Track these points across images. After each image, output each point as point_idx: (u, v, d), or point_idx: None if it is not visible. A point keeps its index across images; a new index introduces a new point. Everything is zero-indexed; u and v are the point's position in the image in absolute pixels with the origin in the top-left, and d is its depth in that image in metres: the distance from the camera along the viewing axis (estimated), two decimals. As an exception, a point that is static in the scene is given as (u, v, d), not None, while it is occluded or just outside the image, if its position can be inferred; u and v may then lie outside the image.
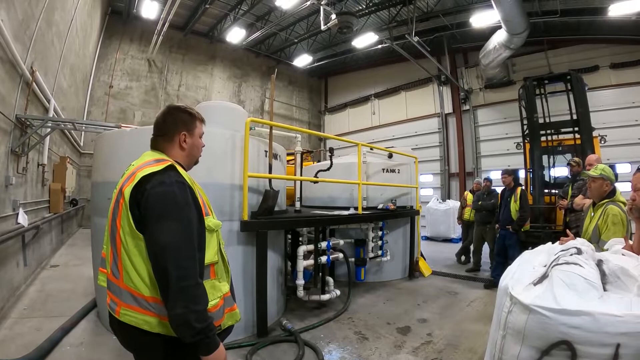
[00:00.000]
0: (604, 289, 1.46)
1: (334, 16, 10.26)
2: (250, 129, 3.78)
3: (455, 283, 6.22)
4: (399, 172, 6.63)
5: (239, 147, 3.70)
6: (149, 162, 1.41)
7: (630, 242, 1.99)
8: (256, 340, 3.59)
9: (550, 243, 2.01)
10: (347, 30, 10.71)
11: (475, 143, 14.11)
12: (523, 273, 1.72)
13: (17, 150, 4.93)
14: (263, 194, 3.90)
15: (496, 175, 6.54)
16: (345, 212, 5.29)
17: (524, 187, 6.19)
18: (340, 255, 4.96)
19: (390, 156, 6.90)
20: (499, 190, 6.43)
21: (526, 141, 7.35)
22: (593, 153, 5.91)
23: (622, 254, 1.75)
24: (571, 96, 6.96)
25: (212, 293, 1.40)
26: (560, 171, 7.04)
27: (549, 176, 7.09)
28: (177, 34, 14.59)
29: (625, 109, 10.65)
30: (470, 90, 14.39)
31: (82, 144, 11.61)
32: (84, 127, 8.07)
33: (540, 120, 7.13)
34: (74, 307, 4.19)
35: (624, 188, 2.77)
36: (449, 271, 6.99)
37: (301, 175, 5.59)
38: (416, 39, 11.22)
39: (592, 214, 2.90)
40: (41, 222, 5.79)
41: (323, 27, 10.90)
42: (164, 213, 1.29)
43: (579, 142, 6.66)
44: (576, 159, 5.39)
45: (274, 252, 4.19)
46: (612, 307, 1.33)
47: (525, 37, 9.95)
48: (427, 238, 11.50)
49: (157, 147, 1.55)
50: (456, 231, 10.91)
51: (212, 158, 3.39)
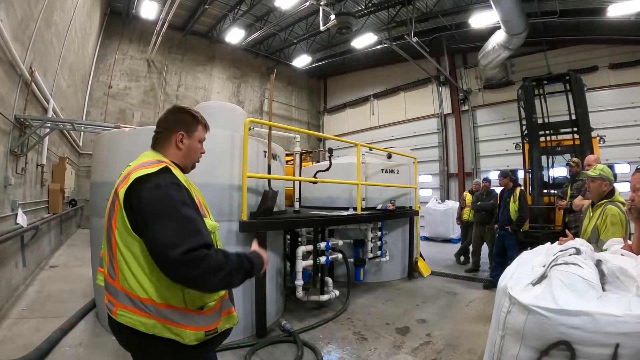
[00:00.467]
0: (603, 289, 1.46)
1: (333, 17, 10.27)
2: (250, 129, 3.78)
3: (455, 283, 6.22)
4: (398, 173, 6.63)
5: (238, 148, 3.69)
6: (145, 163, 1.40)
7: (629, 242, 2.00)
8: (255, 340, 3.59)
9: (549, 243, 2.00)
10: (346, 31, 10.73)
11: (474, 143, 14.14)
12: (522, 273, 1.71)
13: (16, 150, 4.92)
14: (262, 195, 3.90)
15: (495, 176, 6.54)
16: (344, 213, 5.29)
17: (522, 188, 6.19)
18: (339, 255, 4.95)
19: (389, 157, 6.89)
20: (498, 190, 6.44)
21: (525, 141, 7.33)
22: (592, 153, 5.91)
23: (621, 254, 1.76)
24: (570, 96, 6.96)
25: (209, 295, 1.39)
26: (559, 171, 7.04)
27: (548, 176, 7.08)
28: (176, 34, 14.59)
29: (624, 109, 10.69)
30: (469, 90, 14.41)
31: (81, 145, 11.60)
32: (83, 128, 8.06)
33: (539, 121, 7.13)
34: (72, 308, 4.18)
35: (623, 188, 2.77)
36: (448, 272, 6.99)
37: (300, 175, 5.58)
38: (415, 39, 11.24)
39: (591, 214, 2.90)
40: (40, 223, 5.79)
41: (322, 28, 10.92)
42: (162, 215, 1.27)
43: (578, 142, 6.65)
44: (575, 159, 5.38)
45: (273, 252, 4.19)
46: (611, 308, 1.33)
47: (524, 37, 9.98)
48: (426, 238, 11.51)
49: (156, 146, 1.55)
50: (455, 232, 10.91)
51: (211, 158, 3.35)
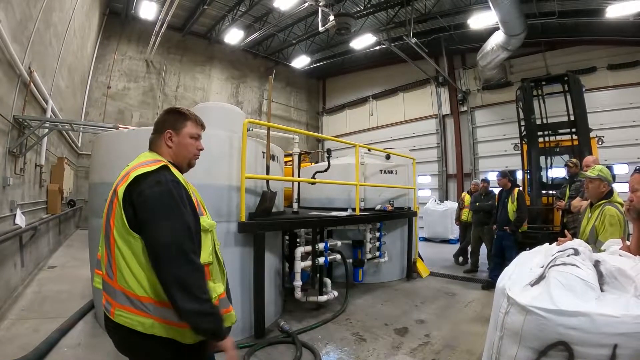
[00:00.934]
0: (601, 290, 1.47)
1: (332, 17, 10.27)
2: (248, 130, 3.78)
3: (453, 284, 6.22)
4: (396, 174, 6.63)
5: (236, 148, 3.69)
6: (144, 162, 1.43)
7: (627, 242, 2.00)
8: (254, 341, 3.58)
9: (547, 244, 2.01)
10: (345, 32, 10.72)
11: (473, 144, 14.16)
12: (520, 274, 1.72)
13: (15, 151, 4.92)
14: (260, 195, 3.89)
15: (494, 177, 6.54)
16: (343, 213, 5.29)
17: (521, 188, 6.21)
18: (338, 256, 4.95)
19: (388, 157, 6.90)
20: (497, 191, 6.45)
21: (524, 142, 7.36)
22: (591, 154, 5.93)
23: (620, 255, 1.76)
24: (569, 97, 6.98)
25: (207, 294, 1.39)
26: (557, 172, 7.06)
27: (547, 177, 7.10)
28: (175, 34, 14.57)
29: (622, 110, 10.72)
30: (468, 91, 14.43)
31: (79, 145, 11.57)
32: (81, 128, 8.06)
33: (538, 122, 7.15)
34: (71, 309, 4.17)
35: (621, 189, 2.77)
36: (446, 272, 6.98)
37: (299, 176, 5.58)
38: (414, 40, 11.24)
39: (590, 215, 2.91)
40: (39, 223, 5.77)
41: (321, 29, 10.92)
42: (163, 212, 1.30)
43: (576, 143, 6.67)
44: (574, 159, 5.38)
45: (272, 253, 4.19)
46: (609, 308, 1.33)
47: (522, 38, 9.99)
48: (424, 239, 11.52)
49: (152, 146, 1.59)
50: (454, 232, 10.91)
51: (210, 159, 3.38)
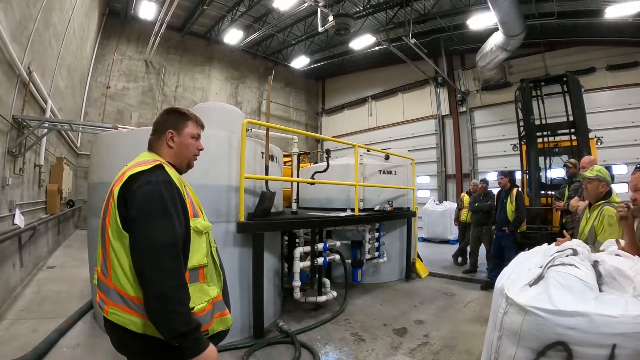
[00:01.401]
0: (600, 290, 1.47)
1: (331, 18, 10.27)
2: (247, 130, 3.78)
3: (452, 284, 6.23)
4: (395, 174, 6.63)
5: (235, 149, 3.69)
6: (140, 162, 1.43)
7: (622, 242, 2.01)
8: (253, 342, 3.58)
9: (546, 244, 2.01)
10: (345, 32, 10.72)
11: (472, 145, 14.18)
12: (519, 274, 1.72)
13: (14, 151, 4.92)
14: (259, 196, 3.89)
15: (493, 177, 6.55)
16: (342, 214, 5.29)
17: (520, 188, 6.21)
18: (337, 256, 4.95)
19: (387, 158, 6.89)
20: (495, 191, 6.45)
21: (523, 143, 7.36)
22: (589, 154, 5.93)
23: (618, 255, 1.76)
24: (567, 98, 6.99)
25: (200, 297, 1.38)
26: (556, 173, 7.07)
27: (546, 178, 7.11)
28: (174, 35, 14.57)
29: (621, 110, 10.75)
30: (467, 92, 14.45)
31: (79, 145, 11.56)
32: (80, 128, 8.05)
33: (537, 122, 7.16)
34: (70, 309, 4.17)
35: (620, 189, 2.78)
36: (445, 272, 6.98)
37: (298, 176, 5.59)
38: (413, 40, 11.25)
39: (588, 215, 2.91)
40: (38, 223, 5.76)
41: (320, 29, 10.92)
42: (149, 212, 1.30)
43: (575, 143, 6.68)
44: (572, 160, 5.39)
45: (271, 253, 4.19)
46: (608, 308, 1.34)
47: (521, 39, 10.01)
48: (424, 239, 11.52)
49: (151, 146, 1.59)
50: (453, 232, 10.91)
51: (209, 159, 3.38)
